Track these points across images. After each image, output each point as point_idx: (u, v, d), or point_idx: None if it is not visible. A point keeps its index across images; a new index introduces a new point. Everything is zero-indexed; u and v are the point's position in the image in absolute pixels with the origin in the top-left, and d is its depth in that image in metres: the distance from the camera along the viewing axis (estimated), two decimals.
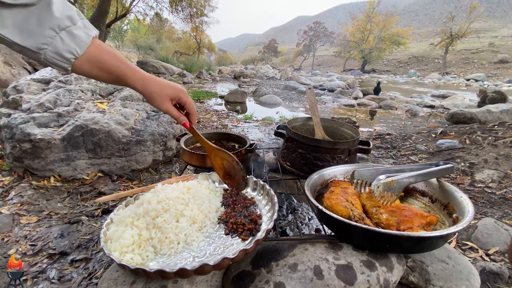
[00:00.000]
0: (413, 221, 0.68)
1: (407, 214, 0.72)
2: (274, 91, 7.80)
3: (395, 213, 0.75)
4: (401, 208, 0.77)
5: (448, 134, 3.07)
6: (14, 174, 1.79)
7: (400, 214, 0.74)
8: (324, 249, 0.71)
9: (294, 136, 1.11)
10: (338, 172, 1.01)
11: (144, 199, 0.75)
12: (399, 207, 0.78)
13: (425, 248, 0.67)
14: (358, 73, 24.83)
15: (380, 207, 0.79)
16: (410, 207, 0.78)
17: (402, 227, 0.69)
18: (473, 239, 1.40)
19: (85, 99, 2.13)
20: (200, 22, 17.83)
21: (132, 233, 0.65)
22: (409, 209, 0.76)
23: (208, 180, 1.00)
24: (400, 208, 0.77)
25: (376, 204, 0.81)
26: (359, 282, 0.62)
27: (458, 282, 0.66)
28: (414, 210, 0.75)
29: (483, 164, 2.26)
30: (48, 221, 1.43)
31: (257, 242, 0.64)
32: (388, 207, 0.78)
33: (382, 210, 0.77)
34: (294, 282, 0.61)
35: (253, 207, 0.83)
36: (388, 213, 0.76)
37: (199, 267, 0.54)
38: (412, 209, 0.77)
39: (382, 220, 0.75)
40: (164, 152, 2.19)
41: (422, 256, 0.73)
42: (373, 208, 0.81)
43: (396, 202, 0.82)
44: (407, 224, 0.68)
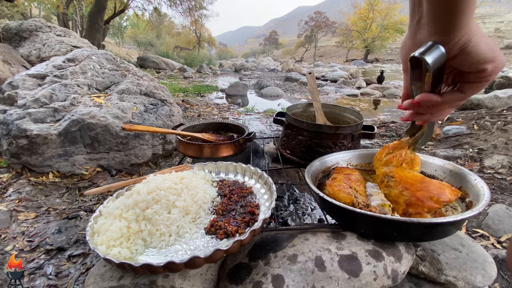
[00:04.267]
0: (423, 206, 0.61)
1: (420, 196, 0.62)
2: (275, 83, 7.70)
3: (409, 190, 0.64)
4: (418, 184, 0.65)
5: (455, 120, 2.98)
6: (12, 170, 1.77)
7: (413, 193, 0.63)
8: (326, 239, 0.66)
9: (293, 122, 1.05)
10: (341, 159, 0.96)
11: (134, 190, 0.70)
12: (416, 182, 0.65)
13: (436, 236, 0.62)
14: (361, 63, 24.42)
15: (394, 177, 0.67)
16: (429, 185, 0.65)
17: (410, 210, 0.62)
18: (483, 226, 1.34)
19: (81, 93, 2.09)
20: (199, 15, 17.62)
21: (120, 226, 0.61)
22: (426, 189, 0.63)
23: (204, 170, 0.95)
24: (417, 183, 0.65)
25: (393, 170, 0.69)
26: (364, 273, 0.57)
27: (473, 271, 0.61)
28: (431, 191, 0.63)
29: (492, 149, 2.18)
30: (46, 217, 1.41)
31: (253, 233, 0.59)
32: (405, 179, 0.66)
33: (396, 182, 0.67)
34: (293, 275, 0.57)
35: (250, 196, 0.79)
36: (401, 188, 0.65)
37: (189, 260, 0.50)
38: (429, 188, 0.63)
39: (391, 194, 0.67)
40: (164, 146, 2.16)
41: (432, 245, 0.68)
42: (386, 177, 0.70)
43: (416, 175, 0.68)
44: (416, 209, 0.61)
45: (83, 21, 11.29)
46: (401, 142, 0.69)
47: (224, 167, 0.96)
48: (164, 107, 2.26)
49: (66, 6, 10.51)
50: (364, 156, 0.98)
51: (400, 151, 0.69)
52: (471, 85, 0.42)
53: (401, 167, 0.68)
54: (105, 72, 2.35)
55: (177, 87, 6.36)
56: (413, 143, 0.65)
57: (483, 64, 0.39)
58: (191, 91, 5.85)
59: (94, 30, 8.59)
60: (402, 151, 0.68)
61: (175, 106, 2.41)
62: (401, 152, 0.68)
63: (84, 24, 10.54)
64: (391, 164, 0.70)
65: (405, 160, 0.68)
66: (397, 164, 0.69)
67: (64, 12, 10.63)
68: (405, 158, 0.68)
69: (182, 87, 6.49)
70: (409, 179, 0.66)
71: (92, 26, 8.58)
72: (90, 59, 2.38)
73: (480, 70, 0.39)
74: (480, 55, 0.38)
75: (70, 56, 2.36)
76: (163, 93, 2.40)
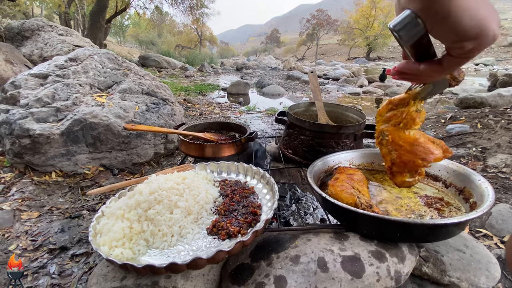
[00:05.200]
0: (406, 168, 0.61)
1: (405, 159, 0.62)
2: (277, 81, 7.68)
3: (397, 151, 0.64)
4: (408, 146, 0.64)
5: (458, 119, 2.95)
6: (15, 170, 1.78)
7: (400, 155, 0.63)
8: (328, 240, 0.66)
9: (295, 121, 1.05)
10: (344, 159, 0.95)
11: (136, 190, 0.70)
12: (407, 144, 0.64)
13: (440, 237, 0.61)
14: (363, 61, 24.29)
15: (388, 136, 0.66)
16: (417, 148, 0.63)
17: (393, 168, 0.62)
18: (487, 226, 1.34)
19: (83, 93, 2.09)
20: (200, 14, 17.60)
21: (122, 226, 0.61)
22: (414, 152, 0.63)
23: (206, 170, 0.95)
24: (407, 145, 0.64)
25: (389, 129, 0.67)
26: (367, 275, 0.57)
27: (477, 272, 0.60)
28: (418, 154, 0.63)
29: (496, 148, 2.16)
30: (49, 216, 1.42)
31: (255, 233, 0.59)
32: (397, 140, 0.64)
33: (388, 141, 0.65)
34: (296, 276, 0.57)
35: (252, 196, 0.78)
36: (390, 148, 0.65)
37: (191, 261, 0.50)
38: (417, 152, 0.63)
39: (382, 150, 0.66)
40: (166, 145, 2.16)
41: (436, 245, 0.67)
42: (382, 134, 0.68)
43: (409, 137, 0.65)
44: (398, 169, 0.61)
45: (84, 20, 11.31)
46: (406, 96, 0.66)
47: (226, 167, 0.96)
48: (166, 106, 2.26)
49: (68, 5, 10.53)
50: (367, 156, 0.98)
51: (403, 109, 0.66)
52: (451, 59, 0.38)
53: (398, 127, 0.66)
54: (107, 72, 2.35)
55: (178, 86, 6.36)
56: (420, 94, 0.62)
57: (461, 41, 0.33)
58: (192, 90, 5.85)
59: (95, 29, 8.60)
60: (404, 109, 0.66)
61: (177, 105, 2.41)
62: (402, 111, 0.66)
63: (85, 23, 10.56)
64: (390, 122, 0.68)
65: (405, 119, 0.65)
66: (395, 123, 0.67)
67: (66, 11, 10.66)
68: (406, 117, 0.65)
69: (184, 86, 6.49)
70: (401, 140, 0.65)
71: (93, 25, 8.59)
72: (92, 59, 2.38)
73: (458, 47, 0.34)
74: (459, 31, 0.32)
75: (72, 55, 2.37)
76: (165, 92, 2.40)
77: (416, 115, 0.65)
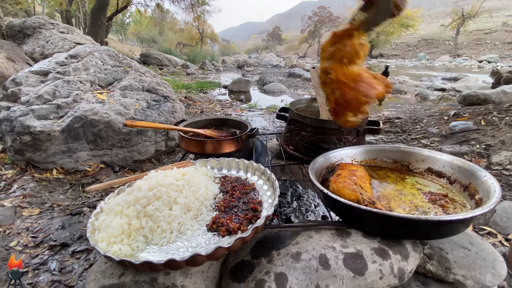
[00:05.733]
0: (349, 106, 0.59)
1: (348, 97, 0.60)
2: (278, 79, 7.64)
3: (340, 89, 0.61)
4: (351, 82, 0.61)
5: (461, 116, 2.92)
6: (16, 167, 1.78)
7: (343, 93, 0.61)
8: (330, 236, 0.65)
9: (297, 117, 1.03)
10: (346, 155, 0.94)
11: (135, 187, 0.69)
12: (350, 80, 0.61)
13: (445, 234, 0.60)
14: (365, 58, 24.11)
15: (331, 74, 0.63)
16: (360, 84, 0.61)
17: (337, 109, 0.62)
18: (491, 223, 1.32)
19: (84, 90, 2.09)
20: (201, 11, 17.52)
21: (121, 222, 0.60)
22: (356, 88, 0.60)
23: (206, 166, 0.94)
24: (351, 82, 0.61)
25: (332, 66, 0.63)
26: (370, 272, 0.56)
27: (482, 270, 0.59)
28: (361, 90, 0.60)
29: (500, 145, 2.14)
30: (50, 213, 1.42)
31: (256, 230, 0.58)
32: (341, 77, 0.61)
33: (332, 80, 0.62)
34: (297, 273, 0.56)
35: (253, 193, 0.77)
36: (334, 86, 0.62)
37: (190, 257, 0.49)
38: (360, 87, 0.60)
39: (326, 90, 0.64)
40: (167, 142, 2.15)
41: (440, 243, 0.66)
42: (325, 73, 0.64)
43: (352, 72, 0.63)
44: (342, 108, 0.60)
45: (86, 18, 11.30)
46: (350, 26, 0.62)
47: (227, 163, 0.95)
48: (167, 103, 2.25)
49: (69, 3, 10.51)
50: (369, 152, 0.96)
51: (346, 41, 0.62)
52: None
53: (341, 63, 0.63)
54: (107, 69, 2.34)
55: (179, 83, 6.35)
56: (364, 23, 0.60)
57: None
58: (193, 88, 5.84)
59: (97, 27, 8.58)
60: (348, 41, 0.62)
61: (177, 102, 2.40)
62: (346, 43, 0.62)
63: (87, 21, 10.55)
64: (334, 58, 0.64)
65: (349, 53, 0.62)
66: (339, 58, 0.63)
67: (67, 9, 10.64)
68: (349, 51, 0.62)
69: (185, 83, 6.48)
70: (345, 77, 0.62)
71: (94, 23, 8.57)
72: (93, 56, 2.37)
73: None
74: None
75: (72, 52, 2.36)
76: (166, 90, 2.39)
77: (360, 48, 0.63)
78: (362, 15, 0.61)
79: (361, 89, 0.61)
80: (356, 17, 0.62)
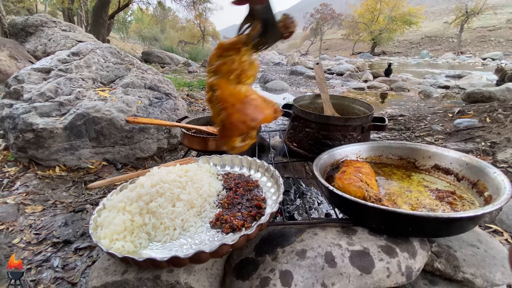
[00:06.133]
0: (235, 130, 0.54)
1: (234, 120, 0.53)
2: (280, 77, 7.61)
3: (227, 110, 0.54)
4: (238, 104, 0.55)
5: (466, 113, 2.89)
6: (19, 164, 1.78)
7: (230, 115, 0.54)
8: (336, 234, 0.64)
9: (301, 114, 1.02)
10: (351, 152, 0.93)
11: (138, 183, 0.69)
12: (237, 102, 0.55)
13: (453, 231, 0.58)
14: (367, 56, 23.98)
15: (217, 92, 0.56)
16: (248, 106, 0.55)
17: (223, 133, 0.55)
18: (497, 221, 1.30)
19: (86, 87, 2.08)
20: (203, 9, 17.46)
21: (123, 219, 0.60)
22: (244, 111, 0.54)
23: (209, 163, 0.93)
24: (238, 103, 0.55)
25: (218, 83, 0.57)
26: (377, 270, 0.55)
27: (492, 268, 0.58)
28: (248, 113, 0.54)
29: (506, 143, 2.11)
30: (53, 210, 1.42)
31: (260, 227, 0.57)
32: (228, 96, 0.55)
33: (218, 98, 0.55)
34: (302, 271, 0.55)
35: (256, 190, 0.76)
36: (220, 106, 0.55)
37: (194, 255, 0.48)
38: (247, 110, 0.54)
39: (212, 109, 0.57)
40: (169, 140, 2.15)
41: (448, 241, 0.65)
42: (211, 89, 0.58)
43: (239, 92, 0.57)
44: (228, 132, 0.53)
45: (88, 16, 11.31)
46: (237, 39, 0.56)
47: (230, 160, 0.94)
48: (169, 100, 2.24)
49: (71, 1, 10.52)
50: (375, 149, 0.95)
51: (234, 56, 0.56)
52: None
53: (228, 80, 0.57)
54: (109, 66, 2.33)
55: (181, 81, 6.34)
56: (250, 37, 0.54)
57: None
58: (195, 86, 5.82)
59: (98, 25, 8.58)
60: (235, 57, 0.56)
61: (179, 99, 2.39)
62: (233, 59, 0.56)
63: (89, 19, 10.56)
64: (220, 73, 0.57)
65: (236, 70, 0.56)
66: (226, 73, 0.57)
67: (69, 7, 10.65)
68: (237, 68, 0.56)
69: (187, 81, 6.46)
70: (232, 97, 0.56)
71: (96, 21, 8.57)
72: (95, 53, 2.37)
73: None
74: None
75: (74, 50, 2.35)
76: (168, 87, 2.38)
77: (248, 66, 0.57)
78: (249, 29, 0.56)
79: (249, 111, 0.55)
80: (243, 29, 0.57)
